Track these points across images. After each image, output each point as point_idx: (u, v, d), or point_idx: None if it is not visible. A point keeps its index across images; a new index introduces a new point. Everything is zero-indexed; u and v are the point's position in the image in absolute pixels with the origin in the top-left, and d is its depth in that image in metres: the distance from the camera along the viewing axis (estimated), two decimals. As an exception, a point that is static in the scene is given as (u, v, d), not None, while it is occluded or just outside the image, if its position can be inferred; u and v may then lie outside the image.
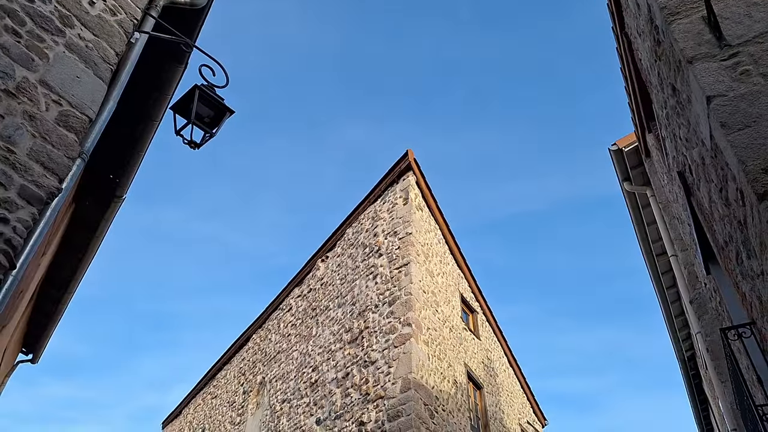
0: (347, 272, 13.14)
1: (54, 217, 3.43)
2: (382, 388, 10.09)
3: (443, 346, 11.51)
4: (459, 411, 11.22)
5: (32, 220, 3.13)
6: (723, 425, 7.91)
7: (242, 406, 15.33)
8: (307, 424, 11.64)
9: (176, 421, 20.78)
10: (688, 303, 5.95)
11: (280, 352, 14.62)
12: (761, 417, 3.37)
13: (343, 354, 11.70)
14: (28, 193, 3.10)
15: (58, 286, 6.49)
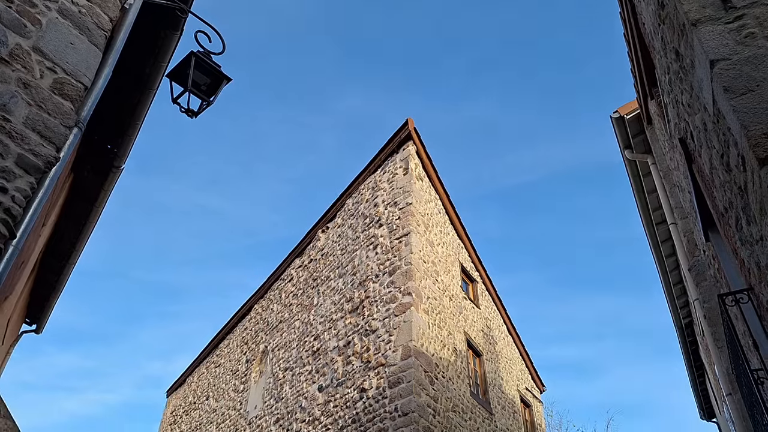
0: (348, 243, 13.19)
1: (53, 187, 3.42)
2: (383, 355, 10.23)
3: (443, 315, 11.63)
4: (459, 378, 11.40)
5: (31, 190, 3.12)
6: (718, 390, 8.05)
7: (245, 374, 15.58)
8: (310, 391, 11.85)
9: (180, 390, 21.15)
10: (686, 271, 5.98)
11: (281, 321, 14.78)
12: (756, 381, 3.42)
13: (344, 323, 11.83)
14: (25, 162, 3.08)
15: (59, 257, 6.52)
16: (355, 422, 10.07)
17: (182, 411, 19.75)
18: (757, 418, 3.83)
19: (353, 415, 10.20)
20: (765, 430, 3.58)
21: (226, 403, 16.01)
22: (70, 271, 6.66)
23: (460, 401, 11.11)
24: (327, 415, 10.91)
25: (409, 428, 8.98)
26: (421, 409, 9.35)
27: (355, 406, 10.28)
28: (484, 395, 12.71)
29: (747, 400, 4.19)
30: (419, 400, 9.38)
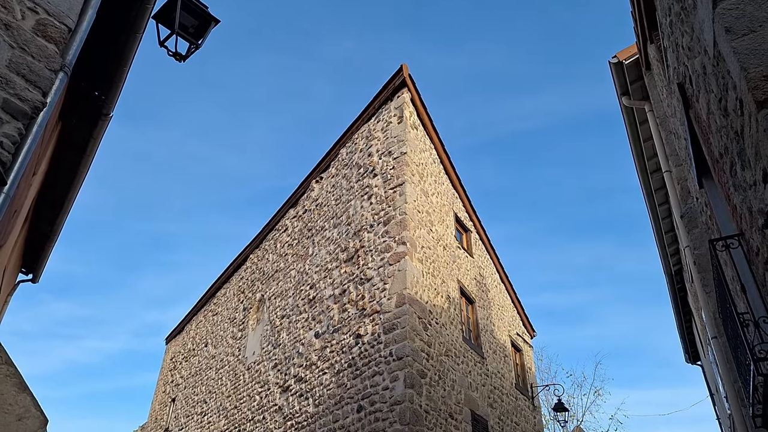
0: (342, 193, 13.18)
1: (41, 134, 3.36)
2: (377, 303, 10.41)
3: (437, 264, 11.77)
4: (451, 324, 11.66)
5: (19, 136, 3.07)
6: (704, 334, 8.28)
7: (243, 322, 15.87)
8: (307, 338, 12.10)
9: (179, 337, 21.57)
10: (678, 218, 6.03)
11: (277, 271, 14.94)
12: (742, 323, 3.51)
13: (339, 272, 11.97)
14: (11, 107, 3.01)
15: (52, 207, 6.49)
16: (351, 366, 10.35)
17: (182, 357, 20.22)
18: (740, 359, 3.95)
19: (349, 360, 10.46)
20: (748, 371, 3.70)
21: (225, 349, 16.38)
22: (63, 221, 6.65)
23: (453, 346, 11.40)
24: (324, 360, 11.19)
25: (404, 371, 9.24)
26: (415, 353, 9.59)
27: (351, 351, 10.53)
28: (476, 340, 13.03)
29: (732, 342, 4.31)
30: (413, 345, 9.62)
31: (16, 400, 7.67)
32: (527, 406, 15.22)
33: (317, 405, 10.76)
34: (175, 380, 19.94)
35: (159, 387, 21.81)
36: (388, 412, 9.08)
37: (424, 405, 9.39)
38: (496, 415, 12.65)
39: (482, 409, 11.93)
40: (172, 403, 19.20)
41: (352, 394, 9.99)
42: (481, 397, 12.05)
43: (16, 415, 7.74)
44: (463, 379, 11.40)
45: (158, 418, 20.18)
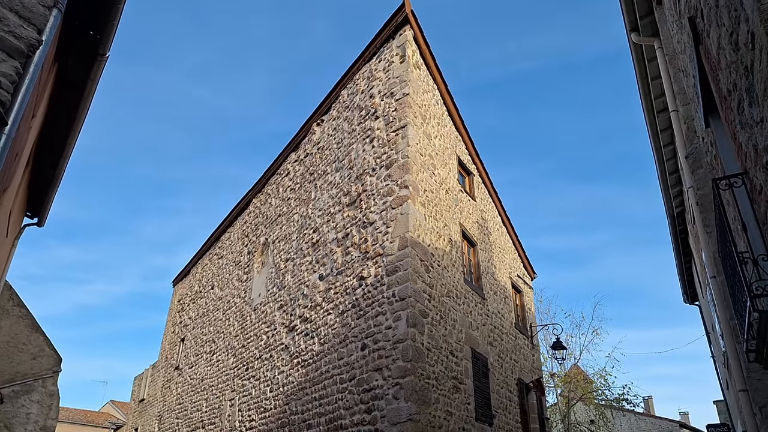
0: (343, 136, 13.06)
1: (38, 73, 3.31)
2: (380, 246, 10.52)
3: (439, 207, 11.81)
4: (453, 266, 11.82)
5: (16, 75, 3.02)
6: (703, 275, 8.40)
7: (248, 265, 16.11)
8: (311, 280, 12.32)
9: (186, 280, 21.99)
10: (683, 158, 6.00)
11: (280, 215, 15.02)
12: (741, 261, 3.55)
13: (342, 216, 12.03)
14: (7, 45, 2.95)
15: (53, 150, 6.47)
16: (354, 307, 10.58)
17: (189, 299, 20.68)
18: (737, 296, 4.02)
19: (353, 301, 10.69)
20: (744, 308, 3.78)
21: (231, 291, 16.72)
22: (65, 165, 6.64)
23: (454, 287, 11.61)
24: (328, 301, 11.43)
25: (406, 311, 9.45)
26: (417, 294, 9.78)
27: (354, 292, 10.74)
28: (477, 282, 13.25)
29: (730, 281, 4.38)
30: (415, 287, 9.80)
31: (29, 340, 7.92)
32: (526, 345, 15.66)
33: (323, 344, 11.08)
34: (183, 321, 20.47)
35: (168, 328, 22.43)
36: (391, 349, 9.35)
37: (425, 343, 9.66)
38: (495, 353, 13.03)
39: (482, 347, 12.28)
40: (182, 343, 19.79)
41: (356, 333, 10.27)
42: (481, 336, 12.38)
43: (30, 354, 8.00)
44: (464, 319, 11.67)
45: (169, 357, 20.86)
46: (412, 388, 8.83)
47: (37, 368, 7.78)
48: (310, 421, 10.60)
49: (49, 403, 7.31)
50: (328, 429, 10.02)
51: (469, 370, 11.19)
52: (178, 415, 17.68)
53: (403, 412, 8.70)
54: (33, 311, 7.74)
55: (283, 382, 12.00)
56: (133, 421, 23.64)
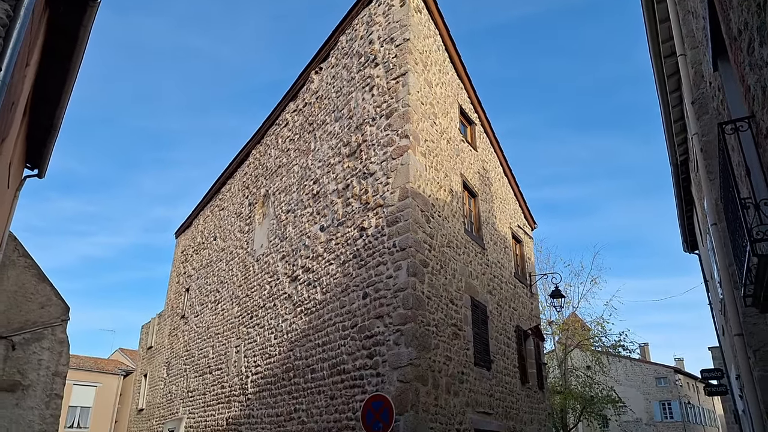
0: (342, 84, 12.83)
1: (29, 17, 3.22)
2: (381, 197, 10.52)
3: (440, 158, 11.73)
4: (454, 217, 11.85)
5: (7, 18, 2.93)
6: (704, 223, 8.43)
7: (249, 216, 16.17)
8: (312, 231, 12.39)
9: (188, 231, 22.14)
10: (689, 104, 5.90)
11: (280, 166, 14.96)
12: (743, 206, 3.55)
13: (342, 167, 11.97)
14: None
15: (49, 100, 6.37)
16: (356, 257, 10.68)
17: (192, 250, 20.88)
18: (737, 242, 4.04)
19: (354, 251, 10.78)
20: (743, 253, 3.80)
21: (233, 242, 16.85)
22: (62, 115, 6.56)
23: (455, 238, 11.68)
24: (329, 251, 11.53)
25: (407, 261, 9.55)
26: (417, 244, 9.85)
27: (355, 243, 10.82)
28: (477, 232, 13.33)
29: (731, 226, 4.39)
30: (416, 237, 9.86)
31: (36, 290, 8.03)
32: (525, 294, 15.90)
33: (325, 293, 11.25)
34: (187, 272, 20.74)
35: (173, 278, 22.75)
36: (392, 298, 9.51)
37: (426, 291, 9.81)
38: (494, 301, 13.25)
39: (482, 295, 12.47)
40: (187, 293, 20.12)
41: (357, 283, 10.41)
42: (480, 285, 12.55)
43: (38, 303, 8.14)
44: (464, 269, 11.80)
45: (174, 307, 21.25)
46: (412, 334, 9.02)
47: (46, 317, 7.93)
48: (313, 366, 10.89)
49: (60, 350, 7.49)
50: (332, 373, 10.30)
51: (468, 317, 11.41)
52: (186, 362, 18.17)
53: (404, 357, 8.93)
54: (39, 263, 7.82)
55: (287, 330, 12.26)
56: (142, 367, 24.32)
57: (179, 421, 16.89)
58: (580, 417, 25.54)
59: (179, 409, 17.50)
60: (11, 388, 6.80)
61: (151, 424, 20.11)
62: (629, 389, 43.90)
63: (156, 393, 20.71)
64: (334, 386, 10.14)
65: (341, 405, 9.82)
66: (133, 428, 23.11)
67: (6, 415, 6.49)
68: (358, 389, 9.55)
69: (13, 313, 7.36)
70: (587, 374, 26.59)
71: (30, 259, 8.07)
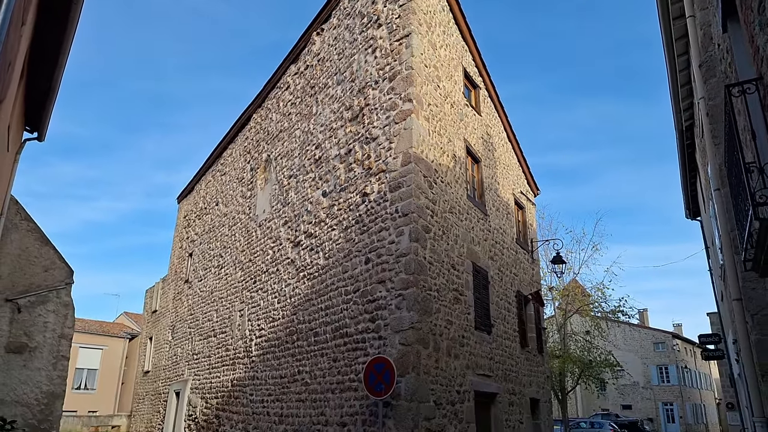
0: (345, 46, 12.61)
1: (20, -27, 3.14)
2: (383, 162, 10.46)
3: (444, 122, 11.61)
4: (456, 182, 11.81)
5: (-3, -27, 2.87)
6: (707, 189, 8.39)
7: (251, 181, 16.15)
8: (314, 196, 12.38)
9: (190, 197, 22.16)
10: (696, 68, 5.79)
11: (282, 131, 14.85)
12: (747, 170, 3.52)
13: (344, 131, 11.88)
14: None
15: (47, 60, 6.29)
16: (358, 223, 10.70)
17: (194, 216, 20.95)
18: (740, 206, 4.03)
19: (356, 217, 10.79)
20: (745, 218, 3.79)
21: (236, 207, 16.88)
22: (60, 75, 6.48)
23: (457, 203, 11.66)
24: (332, 217, 11.55)
25: (409, 227, 9.56)
26: (420, 210, 9.85)
27: (357, 209, 10.82)
28: (480, 198, 13.30)
29: (734, 191, 4.37)
30: (418, 203, 9.84)
31: (40, 253, 8.09)
32: (527, 260, 15.97)
33: (327, 258, 11.32)
34: (190, 237, 20.86)
35: (176, 243, 22.90)
36: (394, 263, 9.56)
37: (428, 257, 9.86)
38: (496, 267, 13.32)
39: (483, 261, 12.54)
40: (190, 258, 20.28)
41: (360, 248, 10.46)
42: (482, 251, 12.60)
43: (42, 266, 8.20)
44: (466, 234, 11.83)
45: (178, 271, 21.45)
46: (414, 299, 9.11)
47: (50, 280, 8.00)
48: (316, 329, 11.05)
49: (65, 312, 7.58)
50: (334, 336, 10.46)
51: (469, 282, 11.49)
52: (190, 325, 18.45)
53: (406, 320, 9.04)
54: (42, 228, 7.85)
55: (290, 294, 12.39)
56: (147, 330, 24.73)
57: (185, 382, 17.26)
58: (578, 380, 26.01)
59: (184, 371, 17.86)
60: (18, 349, 6.92)
61: (157, 386, 20.57)
62: (627, 354, 44.60)
63: (161, 355, 21.10)
64: (337, 349, 10.30)
65: (344, 367, 10.00)
66: (139, 389, 23.65)
67: (15, 376, 6.62)
68: (361, 352, 9.71)
69: (18, 276, 7.43)
70: (586, 339, 26.95)
71: (32, 223, 8.10)
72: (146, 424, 20.96)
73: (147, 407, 21.53)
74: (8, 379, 6.62)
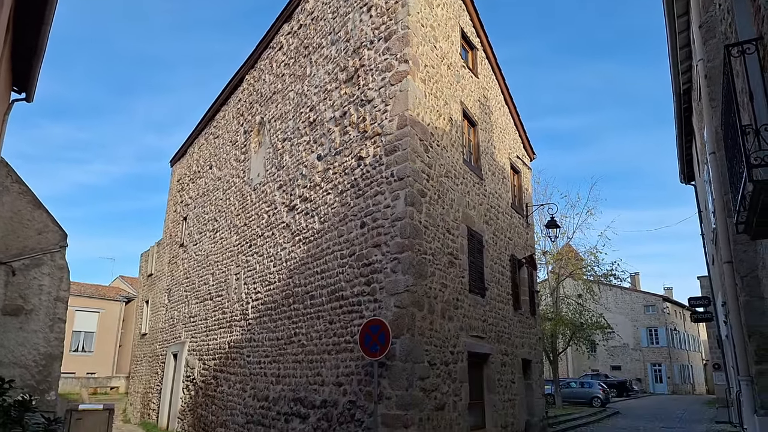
0: (339, 4, 12.31)
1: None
2: (379, 125, 10.36)
3: (440, 84, 11.46)
4: (453, 146, 11.74)
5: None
6: (702, 153, 8.37)
7: (245, 145, 16.00)
8: (309, 160, 12.30)
9: (183, 160, 21.98)
10: (696, 28, 5.70)
11: (275, 92, 14.63)
12: (743, 132, 3.50)
13: (339, 93, 11.71)
14: None
15: (33, 15, 6.11)
16: (353, 187, 10.67)
17: (188, 179, 20.82)
18: (735, 169, 4.02)
19: (351, 181, 10.75)
20: (739, 180, 3.79)
21: (230, 171, 16.78)
22: (47, 33, 6.31)
23: (453, 168, 11.62)
24: (327, 181, 11.50)
25: (404, 191, 9.55)
26: (415, 174, 9.82)
27: (353, 173, 10.77)
28: (476, 162, 13.25)
29: (729, 154, 4.36)
30: (414, 166, 9.80)
31: (33, 216, 8.05)
32: (521, 224, 16.04)
33: (323, 222, 11.33)
34: (184, 200, 20.78)
35: (170, 207, 22.84)
36: (390, 227, 9.58)
37: (423, 221, 9.87)
38: (491, 231, 13.38)
39: (478, 225, 12.58)
40: (184, 222, 20.26)
41: (355, 212, 10.45)
42: (477, 215, 12.63)
43: (35, 229, 8.17)
44: (462, 199, 11.83)
45: (173, 235, 21.47)
46: (409, 262, 9.17)
47: (44, 243, 7.98)
48: (312, 293, 11.14)
49: (60, 275, 7.59)
50: (330, 299, 10.56)
51: (464, 246, 11.56)
52: (186, 289, 18.58)
53: (401, 284, 9.12)
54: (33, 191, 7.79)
55: (285, 258, 12.44)
56: (143, 294, 24.90)
57: (182, 344, 17.49)
58: (569, 342, 26.52)
59: (181, 334, 18.08)
60: (14, 312, 6.96)
61: (155, 348, 20.85)
62: (618, 316, 45.40)
63: (158, 318, 21.32)
64: (333, 312, 10.42)
65: (340, 329, 10.13)
66: (137, 352, 23.97)
67: (12, 338, 6.67)
68: (356, 314, 9.82)
69: (11, 239, 7.41)
70: (578, 302, 27.36)
71: (24, 185, 8.03)
72: (144, 385, 21.33)
73: (145, 369, 21.87)
74: (5, 341, 6.68)
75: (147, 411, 20.20)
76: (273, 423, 11.38)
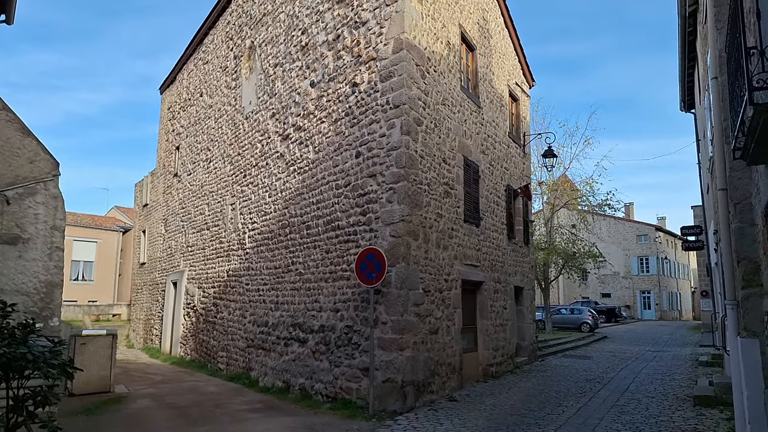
0: None
1: None
2: (374, 49, 10.03)
3: (438, 5, 11.00)
4: (450, 72, 11.43)
5: None
6: (704, 79, 8.19)
7: (235, 71, 15.55)
8: (302, 87, 11.99)
9: (173, 87, 21.42)
10: (708, -57, 5.40)
11: (265, 14, 14.04)
12: (747, 54, 3.39)
13: (332, 15, 11.25)
14: None
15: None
16: (348, 115, 10.47)
17: (179, 107, 20.38)
18: (736, 93, 3.93)
19: (346, 109, 10.54)
20: (740, 104, 3.71)
21: (221, 99, 16.40)
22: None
23: (450, 95, 11.38)
24: (321, 109, 11.27)
25: (400, 119, 9.39)
26: (411, 101, 9.61)
27: (347, 100, 10.54)
28: (474, 89, 12.96)
29: (731, 78, 4.25)
30: (410, 93, 9.58)
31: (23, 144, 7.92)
32: (518, 153, 15.94)
33: (317, 152, 11.21)
34: (176, 129, 20.45)
35: (161, 136, 22.51)
36: (385, 157, 9.49)
37: (419, 150, 9.78)
38: (487, 161, 13.30)
39: (475, 155, 12.49)
40: (177, 151, 20.03)
41: (350, 141, 10.32)
42: (474, 145, 12.51)
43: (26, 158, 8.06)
44: (458, 128, 11.67)
45: (166, 165, 21.29)
46: (404, 192, 9.16)
47: (37, 172, 7.92)
48: (308, 222, 11.20)
49: (55, 204, 7.58)
50: (326, 229, 10.64)
51: (460, 176, 11.52)
52: (183, 219, 18.65)
53: (396, 213, 9.16)
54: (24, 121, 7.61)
55: (281, 188, 12.41)
56: (140, 224, 25.04)
57: (181, 273, 17.78)
58: (561, 270, 27.09)
59: (180, 263, 18.33)
60: (12, 240, 7.00)
61: (154, 276, 21.20)
62: (610, 245, 46.20)
63: (156, 248, 21.54)
64: (329, 241, 10.52)
65: (336, 258, 10.27)
66: (137, 280, 24.40)
67: (11, 266, 6.75)
68: (352, 244, 9.92)
69: (2, 168, 7.34)
70: (572, 232, 27.71)
71: (11, 113, 7.86)
72: (146, 312, 21.88)
73: (146, 297, 22.35)
74: (5, 269, 6.76)
75: (150, 337, 20.84)
76: (273, 347, 11.78)
